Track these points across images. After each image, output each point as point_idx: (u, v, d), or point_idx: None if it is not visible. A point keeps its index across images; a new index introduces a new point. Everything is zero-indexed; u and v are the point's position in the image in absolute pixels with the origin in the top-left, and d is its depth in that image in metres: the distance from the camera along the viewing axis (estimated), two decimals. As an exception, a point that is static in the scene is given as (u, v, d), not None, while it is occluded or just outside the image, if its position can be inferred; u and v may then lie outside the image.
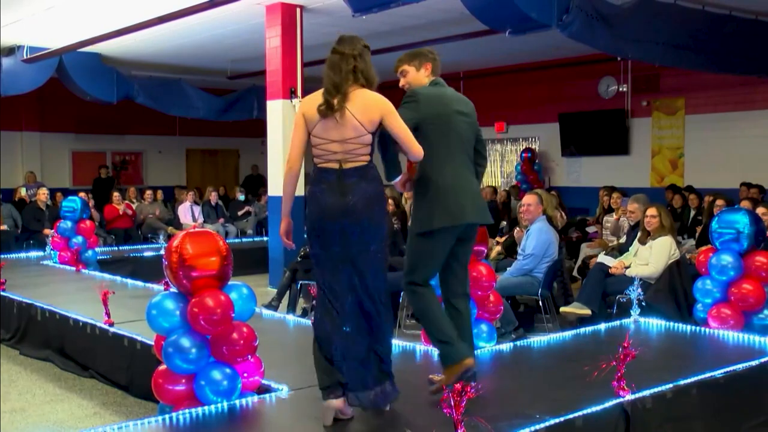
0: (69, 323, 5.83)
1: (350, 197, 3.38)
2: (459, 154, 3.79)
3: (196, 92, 14.62)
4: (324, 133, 3.42)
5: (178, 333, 3.72)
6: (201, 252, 3.72)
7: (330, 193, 3.40)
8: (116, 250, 10.87)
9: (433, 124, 3.73)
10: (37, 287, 7.28)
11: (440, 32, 10.75)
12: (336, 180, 3.40)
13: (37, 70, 12.25)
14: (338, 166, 3.41)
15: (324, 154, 3.44)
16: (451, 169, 3.74)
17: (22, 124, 15.73)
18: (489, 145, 15.37)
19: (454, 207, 3.67)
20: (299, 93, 9.41)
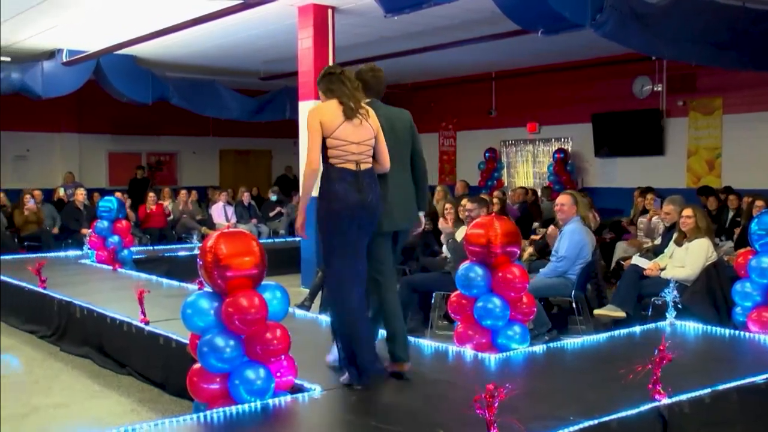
0: (106, 321, 5.93)
1: (367, 195, 3.94)
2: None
3: (230, 93, 14.75)
4: (344, 135, 3.92)
5: (213, 332, 3.76)
6: (235, 252, 3.76)
7: (351, 191, 3.92)
8: (151, 250, 11.01)
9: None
10: (76, 285, 7.42)
11: (472, 32, 10.71)
12: (354, 179, 3.93)
13: (76, 73, 12.46)
14: (355, 167, 3.95)
15: (343, 155, 3.94)
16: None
17: (60, 125, 16.04)
18: (521, 145, 15.27)
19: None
20: (331, 94, 9.44)
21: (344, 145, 3.92)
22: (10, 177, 15.49)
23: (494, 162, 15.36)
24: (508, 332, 4.88)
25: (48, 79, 12.33)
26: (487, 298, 4.90)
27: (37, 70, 12.29)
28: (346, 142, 3.92)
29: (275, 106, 15.22)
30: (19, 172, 15.66)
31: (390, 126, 4.28)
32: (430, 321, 6.81)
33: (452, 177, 16.07)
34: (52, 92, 12.52)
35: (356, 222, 3.96)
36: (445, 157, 16.70)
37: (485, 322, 4.87)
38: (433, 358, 4.78)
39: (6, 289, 7.93)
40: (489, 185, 15.11)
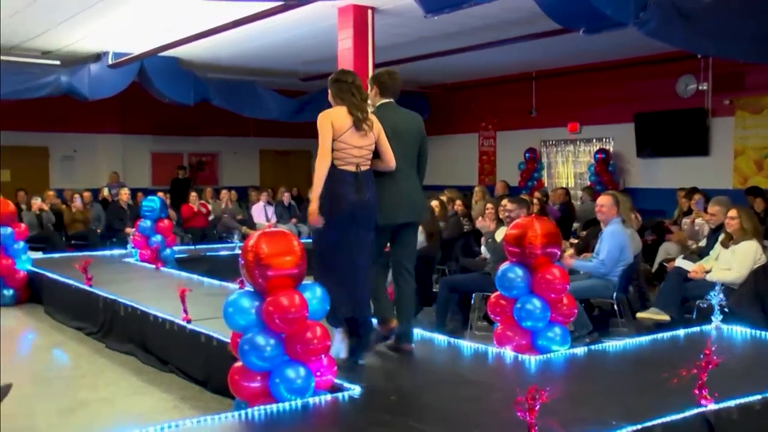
0: (149, 319, 6.03)
1: (365, 194, 4.41)
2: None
3: (270, 94, 14.87)
4: (349, 140, 4.36)
5: (254, 331, 3.79)
6: (276, 251, 3.78)
7: (350, 191, 4.37)
8: (193, 249, 11.17)
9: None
10: (120, 284, 7.56)
11: (512, 32, 10.64)
12: (354, 180, 4.38)
13: (120, 75, 12.69)
14: (356, 168, 4.40)
15: (346, 157, 4.38)
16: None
17: (105, 126, 16.36)
18: (562, 145, 15.11)
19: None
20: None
21: (348, 149, 4.37)
22: (59, 177, 15.91)
23: (534, 162, 15.23)
24: (549, 334, 4.83)
25: (94, 81, 12.58)
26: (527, 299, 4.86)
27: (84, 72, 12.55)
28: (349, 146, 4.37)
29: (315, 106, 15.26)
30: (67, 173, 16.04)
31: (404, 128, 4.73)
32: (470, 322, 6.78)
33: (492, 177, 15.98)
34: (98, 94, 12.77)
35: (354, 218, 4.40)
36: (485, 158, 16.61)
37: (525, 324, 4.84)
38: (472, 359, 4.76)
39: (55, 286, 8.12)
40: (529, 186, 14.97)
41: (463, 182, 14.83)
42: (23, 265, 8.81)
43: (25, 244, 8.97)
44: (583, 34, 7.50)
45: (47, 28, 10.45)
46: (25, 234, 9.05)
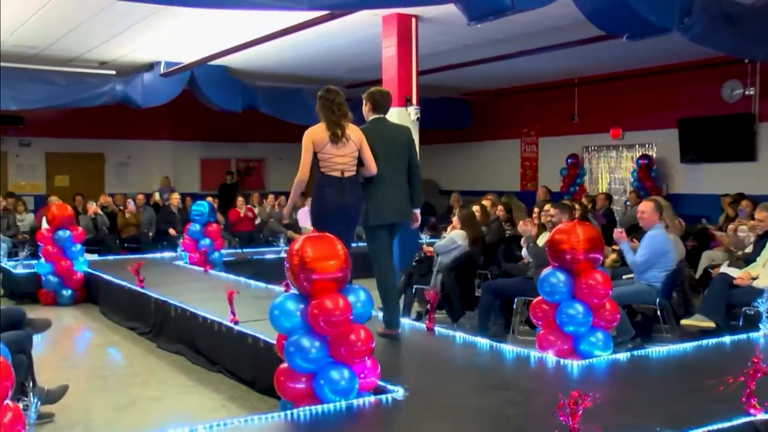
0: (198, 320, 6.11)
1: (348, 197, 5.04)
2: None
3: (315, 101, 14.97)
4: (332, 150, 4.99)
5: (299, 333, 3.82)
6: (321, 255, 3.81)
7: (335, 194, 5.01)
8: (240, 253, 11.30)
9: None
10: (171, 286, 7.68)
11: (555, 39, 10.54)
12: (338, 185, 5.02)
13: (172, 83, 12.91)
14: (340, 174, 5.03)
15: (331, 165, 5.02)
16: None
17: (157, 133, 16.69)
18: (604, 151, 14.89)
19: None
20: (414, 101, 9.44)
21: (331, 158, 5.02)
22: (114, 182, 16.30)
23: (576, 168, 15.04)
24: (591, 339, 4.76)
25: (147, 90, 12.83)
26: (570, 304, 4.80)
27: (137, 81, 12.82)
28: (332, 155, 5.01)
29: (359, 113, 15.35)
30: (121, 178, 16.42)
31: (392, 140, 5.33)
32: (512, 326, 6.72)
33: (534, 183, 15.83)
34: (151, 102, 13.02)
35: (338, 217, 5.00)
36: (527, 163, 16.46)
37: (567, 328, 4.78)
38: (514, 363, 4.71)
39: (109, 287, 8.30)
40: (571, 191, 14.79)
41: (505, 188, 14.71)
42: (80, 266, 9.03)
43: (82, 247, 9.18)
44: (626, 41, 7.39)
45: (104, 40, 10.71)
46: (82, 237, 9.26)
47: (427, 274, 7.49)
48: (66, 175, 16.09)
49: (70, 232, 9.00)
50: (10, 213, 11.99)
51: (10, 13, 9.10)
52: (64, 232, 8.94)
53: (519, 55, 11.50)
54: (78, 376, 5.60)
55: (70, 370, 5.93)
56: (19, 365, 4.24)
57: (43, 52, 11.43)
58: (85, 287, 9.02)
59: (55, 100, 12.52)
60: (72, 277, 8.90)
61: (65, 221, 9.02)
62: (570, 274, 4.86)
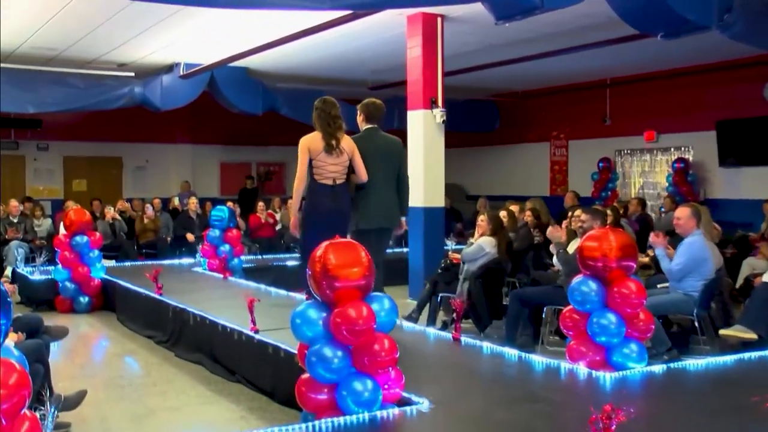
0: (218, 329, 6.15)
1: (340, 203, 5.61)
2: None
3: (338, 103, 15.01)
4: (325, 159, 5.56)
5: (321, 342, 3.83)
6: (344, 262, 3.82)
7: (327, 201, 5.56)
8: (260, 259, 11.35)
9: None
10: (189, 293, 7.75)
11: (585, 38, 10.48)
12: (331, 192, 5.57)
13: (191, 85, 13.03)
14: (332, 182, 5.59)
15: (323, 173, 5.58)
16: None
17: (176, 137, 16.84)
18: (637, 154, 14.76)
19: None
20: (440, 103, 9.45)
21: (324, 166, 5.58)
22: (131, 187, 16.47)
23: (608, 172, 14.92)
24: (624, 350, 4.72)
25: (166, 92, 12.97)
26: (602, 313, 4.76)
27: (156, 83, 12.96)
28: (325, 163, 5.58)
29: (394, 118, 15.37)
30: (139, 182, 16.59)
31: (384, 150, 5.89)
32: (541, 336, 6.68)
33: (564, 188, 15.73)
34: (170, 104, 13.14)
35: (330, 223, 5.39)
36: (556, 167, 16.38)
37: (599, 339, 4.74)
38: (544, 374, 4.68)
39: (127, 294, 8.39)
40: (603, 196, 14.67)
41: (533, 192, 14.65)
42: (98, 273, 9.13)
43: (99, 253, 9.30)
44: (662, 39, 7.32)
45: (123, 41, 10.85)
46: (99, 243, 9.36)
47: (452, 282, 7.47)
48: (83, 180, 16.28)
49: (87, 237, 9.11)
50: (28, 218, 12.14)
51: (30, 15, 9.26)
52: (81, 238, 9.05)
53: (548, 56, 11.45)
54: (95, 385, 5.65)
55: (86, 378, 6.00)
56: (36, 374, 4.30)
57: (61, 54, 11.60)
58: (102, 294, 9.12)
59: (73, 102, 12.69)
60: (89, 283, 9.01)
61: (82, 227, 9.13)
62: (602, 282, 4.83)
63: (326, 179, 5.60)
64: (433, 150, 9.51)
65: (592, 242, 4.90)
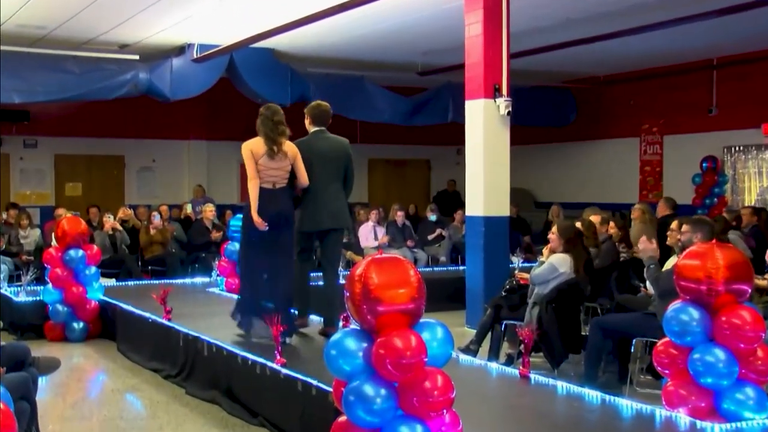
0: (237, 361, 6.20)
1: (280, 207, 6.68)
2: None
3: (381, 92, 15.07)
4: (267, 164, 6.63)
5: (361, 378, 3.84)
6: (389, 282, 3.83)
7: (267, 203, 6.60)
8: (288, 278, 11.40)
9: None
10: (204, 318, 7.82)
11: (685, 9, 10.34)
12: (271, 195, 6.63)
13: (207, 70, 13.21)
14: (272, 186, 6.66)
15: (264, 177, 6.63)
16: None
17: (188, 132, 17.02)
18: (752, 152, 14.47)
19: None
20: (505, 91, 9.41)
21: (265, 170, 6.64)
22: (135, 191, 16.66)
23: (714, 174, 14.69)
24: (737, 395, 4.64)
25: (177, 78, 13.13)
26: (707, 348, 4.69)
27: (165, 68, 13.13)
28: (267, 167, 6.64)
29: (435, 106, 15.40)
30: (145, 186, 16.79)
31: (331, 152, 7.07)
32: (629, 375, 6.60)
33: (656, 194, 15.51)
34: (181, 93, 13.31)
35: (272, 225, 6.58)
36: (648, 168, 16.18)
37: (704, 380, 4.67)
38: (633, 422, 4.62)
39: (129, 319, 8.51)
40: (707, 204, 14.45)
41: (618, 199, 14.53)
42: (95, 294, 9.27)
43: (97, 270, 9.43)
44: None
45: (126, 18, 11.02)
46: (97, 258, 9.51)
47: (519, 307, 7.43)
48: (78, 183, 16.54)
49: (83, 251, 9.25)
50: (12, 228, 12.33)
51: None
52: (75, 252, 9.19)
53: (638, 32, 11.34)
54: (90, 428, 5.74)
55: (80, 420, 6.09)
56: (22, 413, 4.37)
57: (52, 33, 11.82)
58: (101, 319, 9.25)
59: (66, 91, 12.87)
60: (85, 306, 9.13)
61: (77, 238, 9.26)
62: (706, 309, 4.75)
63: (266, 183, 6.69)
64: (496, 148, 9.47)
65: (693, 260, 4.83)
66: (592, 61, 14.50)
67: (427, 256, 13.55)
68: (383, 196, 18.08)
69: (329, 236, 7.09)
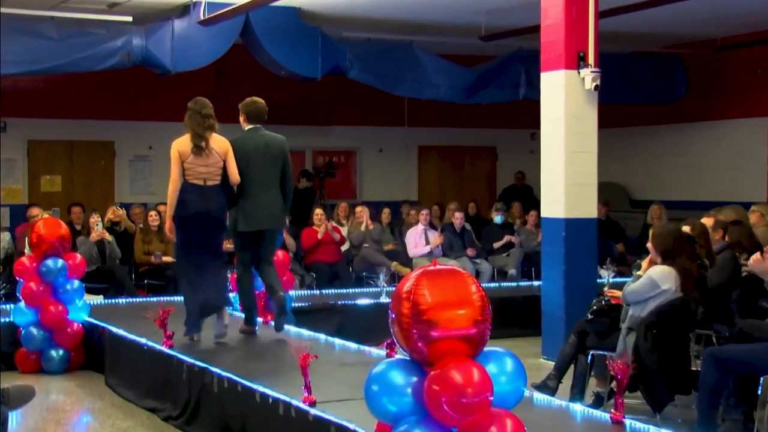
0: (254, 399, 6.24)
1: (211, 204, 7.88)
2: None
3: (435, 61, 15.02)
4: (195, 161, 7.85)
5: (410, 422, 3.87)
6: (445, 301, 3.86)
7: (196, 201, 7.82)
8: (318, 295, 11.49)
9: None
10: (211, 344, 7.93)
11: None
12: (200, 192, 7.85)
13: (216, 36, 13.20)
14: (203, 182, 7.86)
15: (194, 174, 7.85)
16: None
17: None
18: None
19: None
20: (591, 60, 9.38)
21: (194, 167, 7.87)
22: (128, 185, 16.75)
23: None
24: None
25: (179, 46, 13.11)
26: None
27: (165, 33, 13.13)
28: (196, 165, 7.87)
29: (503, 79, 15.34)
30: (140, 179, 16.84)
31: (265, 149, 8.30)
32: (756, 423, 6.51)
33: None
34: (184, 64, 13.34)
35: (201, 224, 7.90)
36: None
37: None
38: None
39: (121, 346, 8.61)
40: None
41: (739, 197, 14.34)
42: (78, 314, 9.40)
43: (80, 284, 9.55)
44: None
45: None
46: (81, 269, 9.64)
47: (610, 334, 7.40)
48: (57, 175, 16.61)
49: (63, 261, 9.36)
50: (-24, 232, 12.46)
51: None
52: (54, 262, 9.29)
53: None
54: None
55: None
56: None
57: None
58: (85, 346, 9.38)
59: (43, 61, 12.91)
60: (65, 330, 9.25)
61: (56, 245, 9.36)
62: None
63: (196, 180, 7.88)
64: (580, 131, 9.45)
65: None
66: (707, 19, 14.32)
67: (493, 268, 13.54)
68: (437, 192, 18.07)
69: (266, 237, 8.35)
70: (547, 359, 8.86)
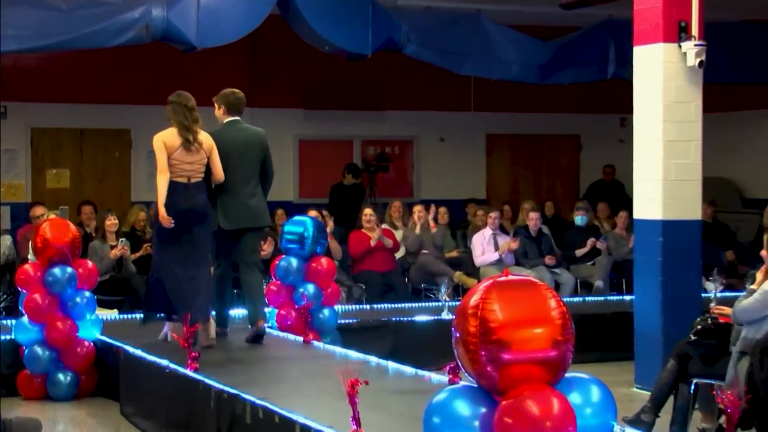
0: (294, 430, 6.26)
1: (195, 202, 8.67)
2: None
3: (506, 34, 14.96)
4: (180, 157, 8.59)
5: (478, 460, 3.87)
6: (519, 318, 3.87)
7: (180, 199, 8.58)
8: (368, 310, 11.58)
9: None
10: (245, 367, 7.98)
11: None
12: (184, 190, 8.61)
13: (249, 5, 13.27)
14: (187, 180, 8.63)
15: (178, 171, 8.60)
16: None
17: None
18: None
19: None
20: (695, 31, 9.31)
21: (179, 164, 8.60)
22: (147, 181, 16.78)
23: None
24: None
25: (206, 17, 13.14)
26: None
27: (189, 2, 13.20)
28: (180, 161, 8.60)
29: (588, 55, 15.24)
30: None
31: (245, 142, 9.16)
32: None
33: None
34: (212, 39, 13.39)
35: (187, 222, 8.66)
36: None
37: None
38: None
39: (139, 369, 8.69)
40: None
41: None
42: (89, 332, 9.49)
43: (92, 296, 9.65)
44: None
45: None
46: (93, 279, 9.75)
47: (718, 359, 7.34)
48: (65, 169, 16.73)
49: (72, 269, 9.44)
50: (-28, 235, 12.59)
51: None
52: (62, 271, 9.37)
53: None
54: None
55: None
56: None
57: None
58: (97, 369, 9.48)
59: (48, 36, 13.00)
60: (75, 349, 9.34)
61: (65, 251, 9.44)
62: None
63: (180, 177, 8.62)
64: (681, 117, 9.40)
65: None
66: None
67: (575, 280, 13.49)
68: (508, 189, 18.06)
69: (246, 236, 9.20)
70: (641, 388, 8.82)
